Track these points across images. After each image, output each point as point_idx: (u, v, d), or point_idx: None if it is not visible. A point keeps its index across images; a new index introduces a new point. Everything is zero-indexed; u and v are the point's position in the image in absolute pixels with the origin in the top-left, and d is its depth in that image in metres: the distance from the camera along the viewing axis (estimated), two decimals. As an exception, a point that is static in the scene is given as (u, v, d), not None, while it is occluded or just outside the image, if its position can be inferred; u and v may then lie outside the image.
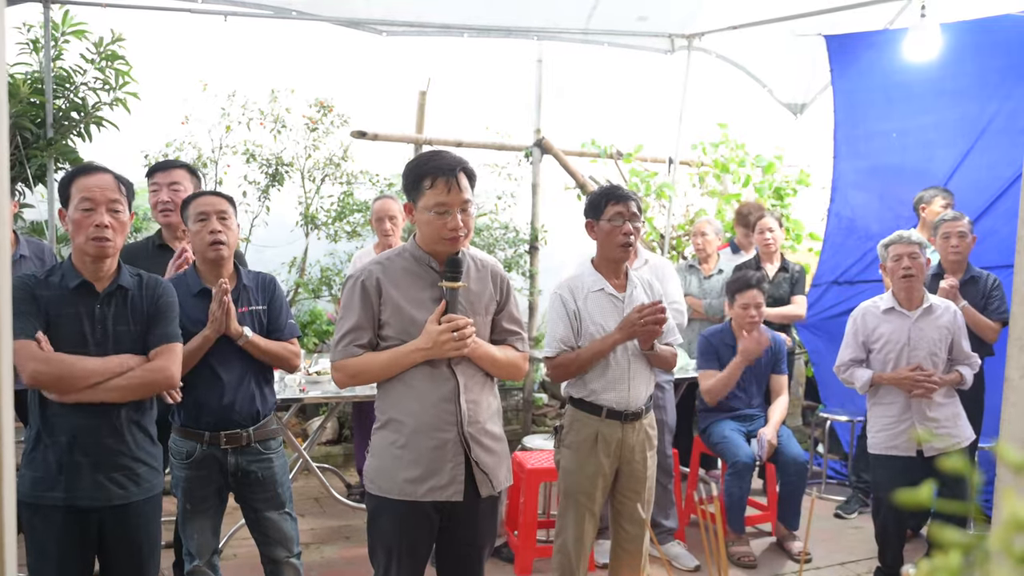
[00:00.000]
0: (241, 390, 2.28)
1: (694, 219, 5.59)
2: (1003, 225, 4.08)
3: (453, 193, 1.89)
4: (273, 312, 2.36)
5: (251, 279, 2.37)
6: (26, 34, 4.08)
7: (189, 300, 2.23)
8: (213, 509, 2.33)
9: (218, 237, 2.25)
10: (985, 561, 0.35)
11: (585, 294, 2.54)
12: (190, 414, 2.27)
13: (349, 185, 5.07)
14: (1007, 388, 1.30)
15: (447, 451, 1.91)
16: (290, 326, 2.39)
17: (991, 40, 4.13)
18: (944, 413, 3.11)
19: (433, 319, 1.89)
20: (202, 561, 2.30)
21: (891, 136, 4.54)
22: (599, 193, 2.61)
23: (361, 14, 4.64)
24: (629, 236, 2.49)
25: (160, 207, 2.74)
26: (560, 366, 2.50)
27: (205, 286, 2.28)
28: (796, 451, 3.53)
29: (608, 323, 2.50)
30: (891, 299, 3.18)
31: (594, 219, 2.56)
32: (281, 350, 2.33)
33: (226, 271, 2.31)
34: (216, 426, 2.26)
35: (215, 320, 2.18)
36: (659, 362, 2.57)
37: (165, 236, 2.80)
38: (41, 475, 1.88)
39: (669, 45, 5.18)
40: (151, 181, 2.76)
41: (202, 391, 2.24)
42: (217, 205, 2.28)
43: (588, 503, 2.51)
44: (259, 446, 2.32)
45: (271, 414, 2.41)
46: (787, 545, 3.60)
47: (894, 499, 1.68)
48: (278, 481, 2.36)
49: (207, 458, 2.27)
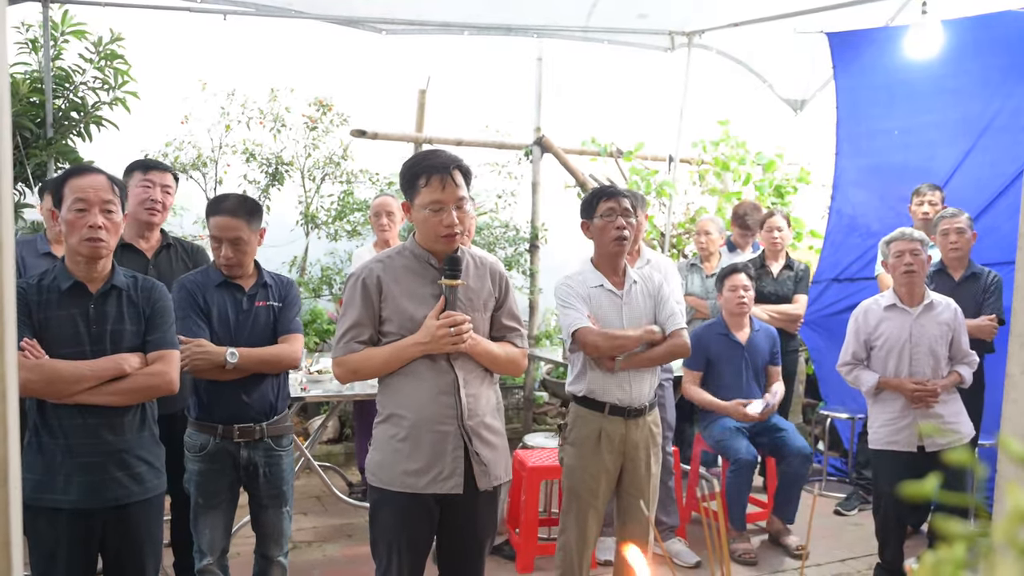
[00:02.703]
0: (255, 385, 2.30)
1: (695, 217, 5.59)
2: (1004, 222, 4.08)
3: (448, 190, 1.92)
4: (283, 310, 2.39)
5: (271, 278, 2.41)
6: (25, 34, 4.08)
7: (211, 290, 2.30)
8: (225, 505, 2.34)
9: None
10: (989, 553, 0.35)
11: (586, 291, 2.55)
12: (204, 408, 2.30)
13: (349, 184, 5.07)
14: (1008, 384, 1.30)
15: (447, 444, 1.93)
16: (295, 324, 2.41)
17: (993, 37, 4.13)
18: (946, 410, 3.11)
19: (432, 315, 1.92)
20: (213, 559, 2.31)
21: (893, 134, 4.53)
22: (591, 193, 2.64)
23: (360, 12, 4.64)
24: (622, 230, 2.50)
25: (147, 205, 2.71)
26: (593, 334, 2.44)
27: (226, 278, 2.33)
28: (801, 443, 3.54)
29: (609, 319, 2.52)
30: (892, 296, 3.19)
31: (588, 218, 2.57)
32: (272, 355, 2.31)
33: (249, 268, 2.36)
34: (230, 420, 2.28)
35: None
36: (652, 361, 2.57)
37: (128, 235, 2.66)
38: (42, 477, 1.88)
39: (669, 42, 5.18)
40: (143, 177, 2.69)
41: (217, 385, 2.27)
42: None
43: (592, 500, 2.52)
44: (271, 441, 2.34)
45: (286, 410, 2.43)
46: (783, 540, 3.59)
47: (894, 495, 1.67)
48: (284, 479, 2.38)
49: (220, 451, 2.29)
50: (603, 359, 2.49)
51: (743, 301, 3.60)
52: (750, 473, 3.50)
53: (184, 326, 2.26)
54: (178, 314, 2.26)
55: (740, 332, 3.68)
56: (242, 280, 2.36)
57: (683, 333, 2.59)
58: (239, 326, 2.30)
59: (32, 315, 1.88)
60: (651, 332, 2.53)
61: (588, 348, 2.49)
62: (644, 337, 2.51)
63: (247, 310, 2.32)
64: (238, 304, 2.32)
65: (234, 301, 2.32)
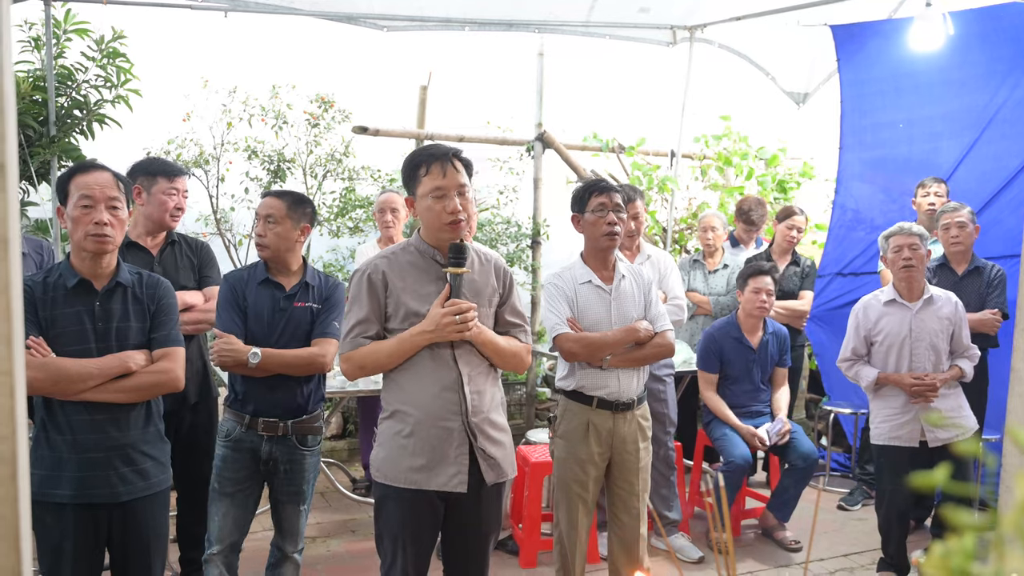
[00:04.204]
0: (283, 383, 2.31)
1: (696, 212, 5.58)
2: (1008, 215, 4.07)
3: (449, 176, 1.94)
4: (322, 312, 2.38)
5: (316, 278, 2.41)
6: (28, 32, 4.08)
7: (253, 287, 2.34)
8: (241, 497, 2.34)
9: (261, 241, 2.34)
10: (999, 543, 0.35)
11: (574, 287, 2.56)
12: (237, 397, 2.34)
13: (351, 181, 5.07)
14: (1013, 378, 1.30)
15: (452, 440, 1.94)
16: (332, 328, 2.37)
17: (999, 28, 4.11)
18: (947, 404, 3.11)
19: (437, 303, 1.93)
20: (219, 548, 2.31)
21: (898, 127, 4.51)
22: (582, 187, 2.62)
23: (361, 9, 4.63)
24: (613, 226, 2.50)
25: (173, 212, 2.74)
26: (571, 341, 2.47)
27: (270, 276, 2.36)
28: (808, 447, 3.52)
29: (598, 314, 2.52)
30: (892, 291, 3.18)
31: (579, 212, 2.57)
32: (298, 358, 2.30)
33: (293, 266, 2.38)
34: (256, 412, 2.31)
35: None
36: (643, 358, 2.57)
37: (134, 233, 2.71)
38: (48, 472, 1.89)
39: (671, 37, 5.16)
40: (170, 184, 2.71)
41: (248, 377, 2.30)
42: (268, 208, 2.34)
43: (580, 491, 2.53)
44: (296, 440, 2.35)
45: (317, 411, 2.42)
46: (777, 535, 3.59)
47: (897, 489, 1.68)
48: (305, 478, 2.39)
49: (243, 440, 2.31)
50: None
51: (764, 306, 3.53)
52: (740, 477, 3.50)
53: (221, 320, 2.31)
54: (219, 307, 2.34)
55: (753, 336, 3.63)
56: (285, 278, 2.37)
57: (668, 335, 2.60)
58: (273, 325, 2.31)
59: (38, 313, 1.88)
60: (634, 331, 2.51)
61: (566, 355, 2.52)
62: (625, 339, 2.50)
63: (284, 309, 2.33)
64: (276, 303, 2.33)
65: (272, 299, 2.33)
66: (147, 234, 2.72)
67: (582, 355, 2.49)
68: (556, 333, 2.51)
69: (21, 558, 0.60)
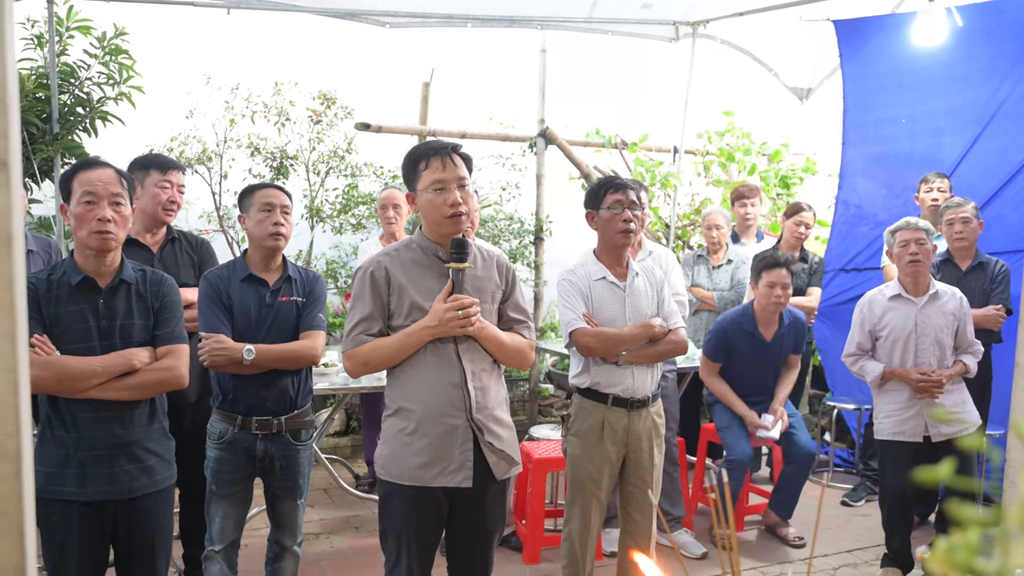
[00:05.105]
0: (275, 379, 2.31)
1: (699, 208, 5.57)
2: (1011, 211, 4.06)
3: (448, 169, 1.94)
4: (307, 306, 2.40)
5: (296, 272, 2.42)
6: (30, 29, 4.08)
7: (236, 284, 2.33)
8: (239, 496, 2.35)
9: (279, 229, 2.35)
10: (1003, 538, 0.35)
11: (589, 283, 2.55)
12: (226, 398, 2.33)
13: (353, 177, 5.07)
14: (1017, 373, 1.30)
15: (456, 437, 1.94)
16: (318, 320, 2.40)
17: (1002, 23, 4.09)
18: (951, 399, 3.10)
19: (440, 298, 1.93)
20: (219, 547, 2.32)
21: (901, 122, 4.50)
22: (598, 183, 2.62)
23: (363, 6, 4.63)
24: (629, 223, 2.50)
25: (166, 206, 2.73)
26: (588, 335, 2.47)
27: (252, 272, 2.36)
28: (807, 442, 3.51)
29: (613, 311, 2.52)
30: (897, 286, 3.17)
31: (594, 209, 2.57)
32: (289, 352, 2.32)
33: (276, 262, 2.39)
34: (249, 412, 2.30)
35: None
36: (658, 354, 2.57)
37: (133, 230, 2.67)
38: (53, 470, 1.89)
39: (674, 32, 5.15)
40: (162, 177, 2.70)
41: (237, 377, 2.29)
42: (282, 199, 2.40)
43: (595, 490, 2.53)
44: (289, 435, 2.35)
45: (307, 405, 2.43)
46: (780, 531, 3.58)
47: (901, 485, 1.69)
48: (300, 472, 2.39)
49: (237, 441, 2.31)
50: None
51: (779, 300, 3.42)
52: (741, 474, 3.49)
53: (206, 320, 2.28)
54: (201, 307, 2.30)
55: (768, 330, 3.53)
56: (267, 274, 2.37)
57: (681, 332, 2.60)
58: (260, 321, 2.31)
59: (42, 310, 1.88)
60: (650, 327, 2.52)
61: (582, 350, 2.51)
62: (642, 334, 2.50)
63: (269, 305, 2.33)
64: (261, 299, 2.33)
65: (257, 295, 2.33)
66: (145, 230, 2.70)
67: (599, 350, 2.48)
68: (572, 328, 2.50)
69: (26, 555, 0.61)
